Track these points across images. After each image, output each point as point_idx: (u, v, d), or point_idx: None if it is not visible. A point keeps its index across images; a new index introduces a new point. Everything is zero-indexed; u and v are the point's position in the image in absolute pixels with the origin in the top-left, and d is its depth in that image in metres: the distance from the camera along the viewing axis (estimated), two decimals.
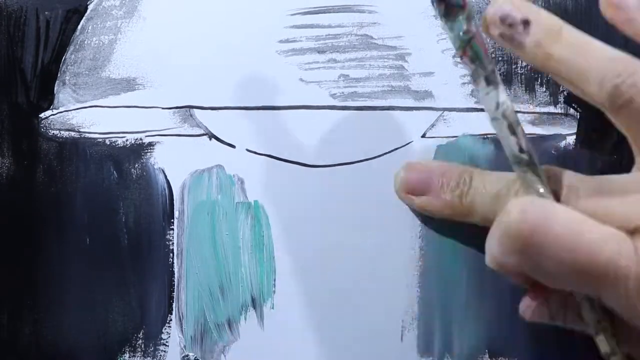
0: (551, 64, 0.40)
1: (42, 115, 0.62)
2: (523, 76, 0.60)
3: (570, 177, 0.42)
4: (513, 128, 0.41)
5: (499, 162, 0.60)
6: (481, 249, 0.43)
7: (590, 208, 0.39)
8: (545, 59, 0.40)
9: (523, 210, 0.37)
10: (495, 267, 0.41)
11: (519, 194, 0.43)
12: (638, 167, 0.42)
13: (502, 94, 0.41)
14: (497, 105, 0.41)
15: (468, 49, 0.40)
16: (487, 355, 0.60)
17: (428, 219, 0.58)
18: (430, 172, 0.48)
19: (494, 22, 0.40)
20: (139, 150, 0.61)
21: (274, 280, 0.61)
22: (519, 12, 0.39)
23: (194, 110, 0.61)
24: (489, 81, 0.41)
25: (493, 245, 0.39)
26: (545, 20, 0.40)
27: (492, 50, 0.60)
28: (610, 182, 0.41)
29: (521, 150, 0.41)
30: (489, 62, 0.41)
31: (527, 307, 0.45)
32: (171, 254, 0.61)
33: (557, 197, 0.41)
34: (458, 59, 0.39)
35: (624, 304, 0.37)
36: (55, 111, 0.62)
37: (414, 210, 0.57)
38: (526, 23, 0.40)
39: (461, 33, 0.40)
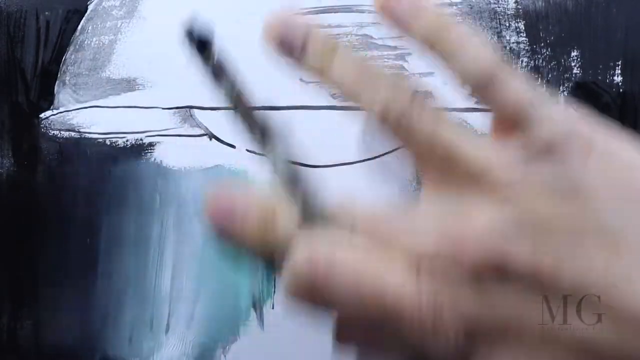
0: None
1: (42, 115, 0.62)
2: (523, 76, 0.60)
3: (354, 209, 0.39)
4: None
5: None
6: None
7: (375, 241, 0.37)
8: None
9: (308, 259, 0.36)
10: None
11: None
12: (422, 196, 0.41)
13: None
14: None
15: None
16: None
17: None
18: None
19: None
20: (139, 150, 0.61)
21: (274, 280, 0.61)
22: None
23: (194, 110, 0.61)
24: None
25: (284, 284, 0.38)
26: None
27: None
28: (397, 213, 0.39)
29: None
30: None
31: None
32: (171, 254, 0.61)
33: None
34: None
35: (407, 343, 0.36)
36: (55, 111, 0.62)
37: None
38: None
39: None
